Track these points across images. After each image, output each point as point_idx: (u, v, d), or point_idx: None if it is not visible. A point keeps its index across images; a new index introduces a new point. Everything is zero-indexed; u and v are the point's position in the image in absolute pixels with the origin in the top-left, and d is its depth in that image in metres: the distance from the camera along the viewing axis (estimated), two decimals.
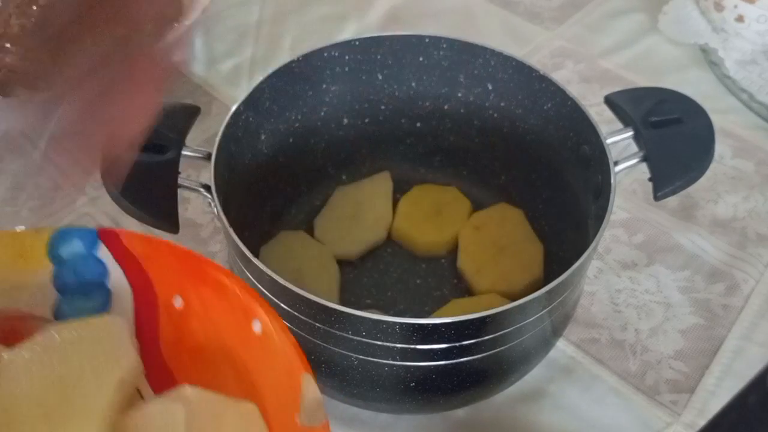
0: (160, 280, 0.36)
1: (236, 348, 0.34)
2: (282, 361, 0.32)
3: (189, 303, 0.35)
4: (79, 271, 0.36)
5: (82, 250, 0.36)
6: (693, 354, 0.50)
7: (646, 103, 0.46)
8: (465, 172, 0.57)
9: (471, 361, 0.39)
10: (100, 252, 0.36)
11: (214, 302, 0.35)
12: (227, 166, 0.44)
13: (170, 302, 0.36)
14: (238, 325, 0.34)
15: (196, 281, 0.35)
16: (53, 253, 0.36)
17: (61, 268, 0.36)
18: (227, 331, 0.34)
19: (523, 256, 0.51)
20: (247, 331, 0.33)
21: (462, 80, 0.52)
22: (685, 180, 0.44)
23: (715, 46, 0.70)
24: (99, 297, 0.36)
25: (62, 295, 0.36)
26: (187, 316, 0.36)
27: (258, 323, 0.33)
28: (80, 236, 0.36)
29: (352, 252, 0.52)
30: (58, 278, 0.36)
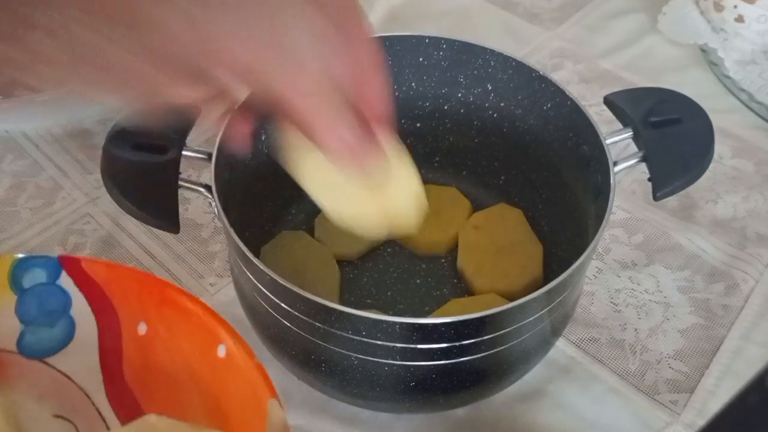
0: (123, 306, 0.35)
1: (202, 372, 0.34)
2: (248, 385, 0.32)
3: (153, 328, 0.35)
4: (42, 301, 0.36)
5: (44, 279, 0.36)
6: (692, 354, 0.50)
7: (646, 104, 0.46)
8: (465, 172, 0.57)
9: (471, 360, 0.39)
10: (63, 280, 0.36)
11: (178, 326, 0.34)
12: (228, 166, 0.44)
13: (134, 328, 0.36)
14: (203, 350, 0.34)
15: (160, 305, 0.35)
16: (15, 283, 0.35)
17: (24, 298, 0.36)
18: (192, 355, 0.34)
19: (522, 256, 0.51)
20: (212, 355, 0.33)
21: (462, 80, 0.52)
22: (685, 180, 0.44)
23: (715, 46, 0.70)
24: (63, 326, 0.36)
25: (26, 326, 0.36)
26: (151, 341, 0.35)
27: (223, 347, 0.33)
28: (42, 265, 0.36)
29: (352, 252, 0.53)
30: (21, 308, 0.36)
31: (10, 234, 0.56)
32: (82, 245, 0.55)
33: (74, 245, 0.55)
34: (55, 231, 0.56)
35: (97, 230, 0.56)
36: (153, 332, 0.35)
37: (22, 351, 0.36)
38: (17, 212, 0.58)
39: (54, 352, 0.36)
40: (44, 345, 0.36)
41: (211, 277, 0.53)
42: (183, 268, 0.54)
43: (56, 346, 0.36)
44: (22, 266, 0.36)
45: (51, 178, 0.60)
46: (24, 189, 0.60)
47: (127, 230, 0.56)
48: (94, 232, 0.56)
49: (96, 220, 0.57)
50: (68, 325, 0.36)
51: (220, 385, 0.33)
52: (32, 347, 0.36)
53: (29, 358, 0.36)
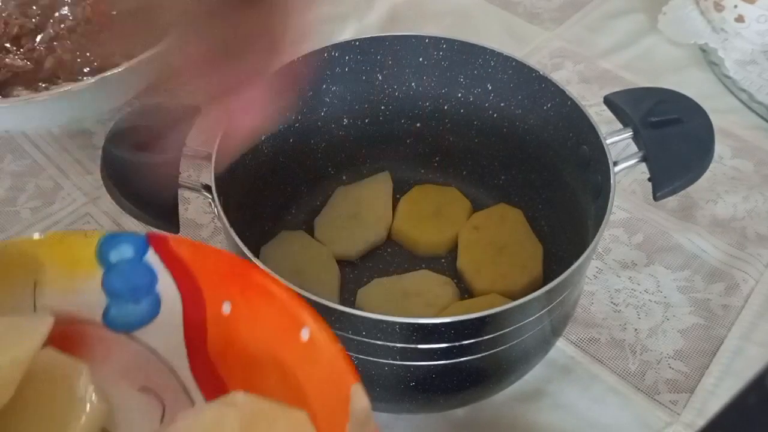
0: (208, 285, 0.35)
1: (284, 355, 0.34)
2: (331, 370, 0.32)
3: (237, 308, 0.35)
4: (129, 276, 0.36)
5: (132, 255, 0.36)
6: (692, 354, 0.50)
7: (646, 104, 0.46)
8: (464, 172, 0.57)
9: (471, 360, 0.39)
10: (150, 257, 0.35)
11: (261, 309, 0.34)
12: (228, 166, 0.44)
13: (219, 308, 0.35)
14: (286, 333, 0.33)
15: (244, 288, 0.35)
16: (102, 258, 0.35)
17: (110, 273, 0.36)
18: (275, 338, 0.34)
19: (522, 257, 0.51)
20: (296, 339, 0.33)
21: (462, 80, 0.52)
22: (685, 180, 0.44)
23: (715, 46, 0.70)
24: (148, 302, 0.36)
25: (111, 300, 0.36)
26: (235, 322, 0.35)
27: (306, 331, 0.33)
28: (129, 241, 0.36)
29: (352, 252, 0.53)
30: (108, 283, 0.36)
31: (10, 234, 0.56)
32: None
33: None
34: (55, 231, 0.56)
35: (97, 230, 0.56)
36: (237, 312, 0.35)
37: (107, 324, 0.36)
38: (17, 212, 0.58)
39: (139, 327, 0.36)
40: (130, 319, 0.36)
41: None
42: None
43: (141, 320, 0.36)
44: (110, 242, 0.36)
45: (51, 178, 0.60)
46: (24, 189, 0.60)
47: (127, 230, 0.56)
48: None
49: (96, 220, 0.57)
50: (154, 301, 0.36)
51: (302, 368, 0.33)
52: (118, 321, 0.36)
53: (115, 331, 0.36)
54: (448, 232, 0.53)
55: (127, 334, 0.36)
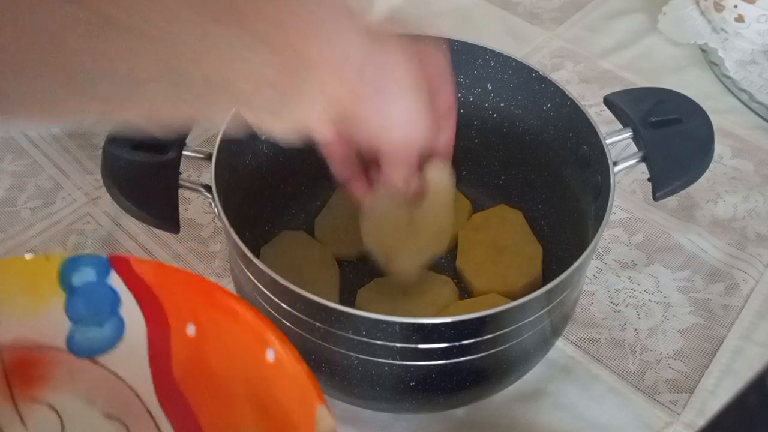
0: (172, 307, 0.35)
1: (250, 375, 0.34)
2: (296, 389, 0.32)
3: (202, 330, 0.35)
4: (92, 300, 0.36)
5: (94, 278, 0.35)
6: (692, 354, 0.50)
7: (646, 104, 0.46)
8: (464, 172, 0.57)
9: (471, 360, 0.39)
10: (112, 280, 0.35)
11: (227, 329, 0.34)
12: (228, 167, 0.44)
13: (183, 330, 0.35)
14: (252, 352, 0.33)
15: (209, 308, 0.35)
16: (65, 282, 0.35)
17: (73, 297, 0.36)
18: (241, 358, 0.34)
19: (521, 257, 0.51)
20: (261, 359, 0.33)
21: (461, 81, 0.52)
22: (685, 180, 0.44)
23: (715, 46, 0.70)
24: (111, 326, 0.36)
25: (75, 324, 0.36)
26: (200, 342, 0.35)
27: (271, 351, 0.33)
28: (91, 264, 0.35)
29: (352, 252, 0.52)
30: (71, 307, 0.36)
31: (10, 234, 0.56)
32: (82, 245, 0.55)
33: (74, 245, 0.55)
34: (55, 231, 0.56)
35: (97, 230, 0.56)
36: (201, 334, 0.35)
37: (71, 349, 0.36)
38: (17, 212, 0.58)
39: (103, 351, 0.36)
40: (93, 344, 0.36)
41: (211, 277, 0.53)
42: (183, 268, 0.54)
43: (105, 345, 0.36)
44: (72, 265, 0.35)
45: (51, 178, 0.60)
46: (24, 189, 0.60)
47: (127, 230, 0.56)
48: (94, 232, 0.56)
49: (96, 220, 0.57)
50: (117, 325, 0.36)
51: (268, 389, 0.33)
52: (82, 346, 0.36)
53: (79, 357, 0.36)
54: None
55: (91, 359, 0.36)
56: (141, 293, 0.35)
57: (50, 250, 0.55)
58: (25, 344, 0.35)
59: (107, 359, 0.36)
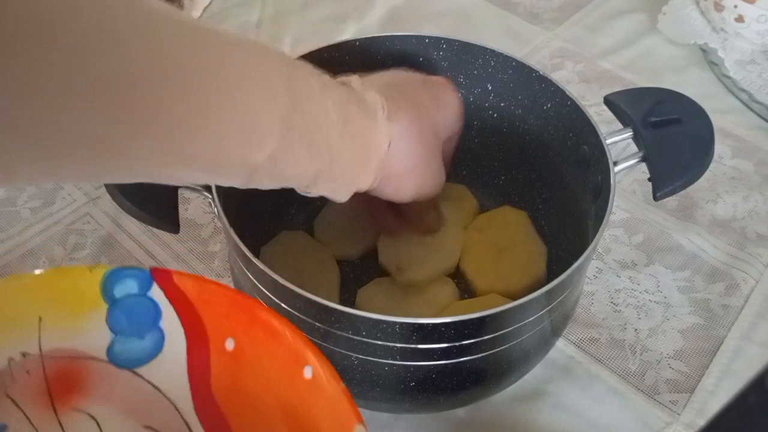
0: (212, 321, 0.35)
1: (286, 393, 0.34)
2: (333, 408, 0.32)
3: (240, 346, 0.35)
4: (133, 312, 0.36)
5: (136, 291, 0.36)
6: (692, 354, 0.50)
7: (646, 104, 0.46)
8: (464, 172, 0.57)
9: (471, 360, 0.39)
10: (154, 292, 0.35)
11: (265, 345, 0.34)
12: None
13: (222, 344, 0.35)
14: (289, 370, 0.33)
15: (248, 324, 0.35)
16: (107, 293, 0.36)
17: (114, 309, 0.36)
18: (278, 375, 0.34)
19: (524, 257, 0.51)
20: (298, 377, 0.33)
21: (462, 80, 0.52)
22: (685, 180, 0.44)
23: (715, 46, 0.70)
24: (152, 338, 0.36)
25: (116, 335, 0.36)
26: (238, 358, 0.35)
27: (309, 369, 0.33)
28: (134, 276, 0.36)
29: (352, 252, 0.52)
30: (112, 318, 0.36)
31: (10, 234, 0.56)
32: (82, 245, 0.55)
33: (74, 245, 0.55)
34: (55, 231, 0.56)
35: (97, 230, 0.56)
36: (240, 349, 0.35)
37: (112, 360, 0.36)
38: (17, 212, 0.58)
39: (143, 363, 0.36)
40: (133, 355, 0.36)
41: (211, 277, 0.53)
42: (183, 268, 0.54)
43: (145, 357, 0.36)
44: (115, 277, 0.36)
45: None
46: (24, 189, 0.60)
47: (127, 230, 0.56)
48: (94, 232, 0.56)
49: (96, 220, 0.57)
50: (158, 337, 0.36)
51: (304, 407, 0.33)
52: (122, 357, 0.36)
53: (119, 368, 0.36)
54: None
55: (131, 370, 0.36)
56: (181, 307, 0.36)
57: (50, 251, 0.55)
58: (66, 354, 0.36)
59: (147, 371, 0.36)
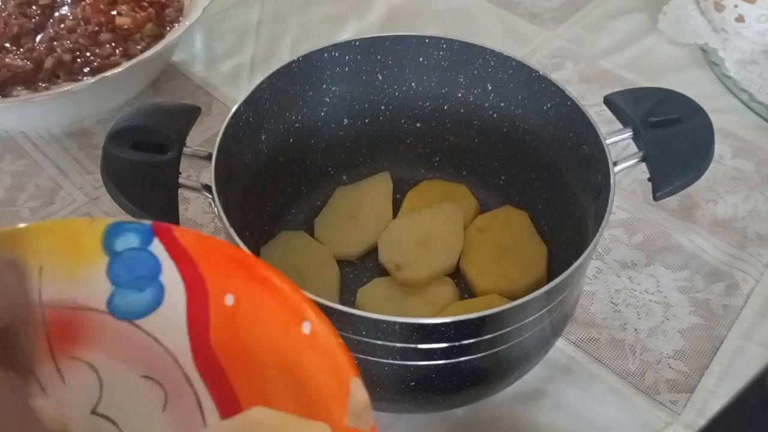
0: (212, 277, 0.36)
1: (285, 347, 0.34)
2: (331, 362, 0.32)
3: (240, 301, 0.35)
4: (133, 265, 0.36)
5: (137, 244, 0.36)
6: (692, 354, 0.50)
7: (646, 104, 0.46)
8: (464, 172, 0.57)
9: (471, 360, 0.39)
10: (155, 246, 0.36)
11: (264, 301, 0.34)
12: (227, 166, 0.44)
13: (222, 299, 0.35)
14: (288, 325, 0.34)
15: (247, 280, 0.35)
16: (108, 246, 0.36)
17: (115, 261, 0.36)
18: (277, 330, 0.34)
19: (525, 257, 0.51)
20: (297, 332, 0.33)
21: (461, 80, 0.52)
22: (685, 180, 0.44)
23: (715, 46, 0.70)
24: (152, 291, 0.36)
25: (116, 288, 0.36)
26: (237, 313, 0.35)
27: (307, 324, 0.33)
28: (135, 230, 0.36)
29: (352, 252, 0.53)
30: (113, 271, 0.36)
31: None
32: None
33: None
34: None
35: None
36: (239, 304, 0.35)
37: (112, 311, 0.36)
38: (17, 212, 0.58)
39: (143, 316, 0.36)
40: (134, 308, 0.36)
41: None
42: None
43: (145, 309, 0.36)
44: (116, 230, 0.36)
45: (51, 178, 0.60)
46: (24, 189, 0.60)
47: None
48: None
49: None
50: (158, 291, 0.36)
51: (301, 361, 0.33)
52: (122, 309, 0.36)
53: (119, 319, 0.36)
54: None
55: (131, 322, 0.36)
56: (182, 261, 0.36)
57: None
58: (66, 304, 0.36)
59: (147, 323, 0.36)
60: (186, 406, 0.36)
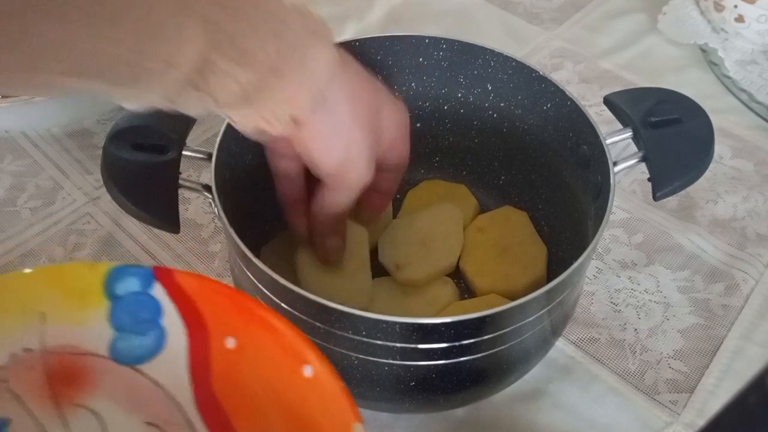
0: (213, 319, 0.36)
1: (287, 391, 0.34)
2: (332, 407, 0.32)
3: (241, 344, 0.35)
4: (135, 309, 0.36)
5: (138, 288, 0.36)
6: (692, 354, 0.50)
7: (646, 104, 0.46)
8: (464, 172, 0.57)
9: (471, 360, 0.39)
10: (155, 290, 0.36)
11: (265, 344, 0.34)
12: (228, 166, 0.44)
13: (223, 342, 0.36)
14: (289, 369, 0.34)
15: (248, 323, 0.35)
16: (109, 291, 0.36)
17: (116, 306, 0.36)
18: (278, 373, 0.34)
19: (525, 257, 0.51)
20: (298, 375, 0.33)
21: (462, 81, 0.52)
22: (685, 180, 0.44)
23: (715, 46, 0.70)
24: (154, 335, 0.36)
25: (118, 333, 0.36)
26: (239, 356, 0.35)
27: (309, 368, 0.33)
28: (136, 274, 0.36)
29: None
30: (114, 316, 0.36)
31: (10, 234, 0.56)
32: (82, 245, 0.55)
33: (74, 245, 0.55)
34: (55, 231, 0.56)
35: (97, 230, 0.56)
36: (241, 347, 0.35)
37: (114, 356, 0.36)
38: (17, 212, 0.58)
39: (144, 360, 0.37)
40: (136, 352, 0.36)
41: (211, 276, 0.53)
42: (183, 267, 0.54)
43: (147, 353, 0.37)
44: (117, 274, 0.36)
45: (51, 178, 0.60)
46: (24, 189, 0.60)
47: (127, 230, 0.56)
48: (94, 232, 0.56)
49: (96, 220, 0.57)
50: (159, 335, 0.36)
51: (303, 405, 0.33)
52: (124, 354, 0.36)
53: (121, 364, 0.36)
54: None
55: (133, 367, 0.37)
56: (183, 305, 0.36)
57: (50, 251, 0.55)
58: (68, 350, 0.36)
59: (149, 368, 0.37)
60: None
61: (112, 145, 0.42)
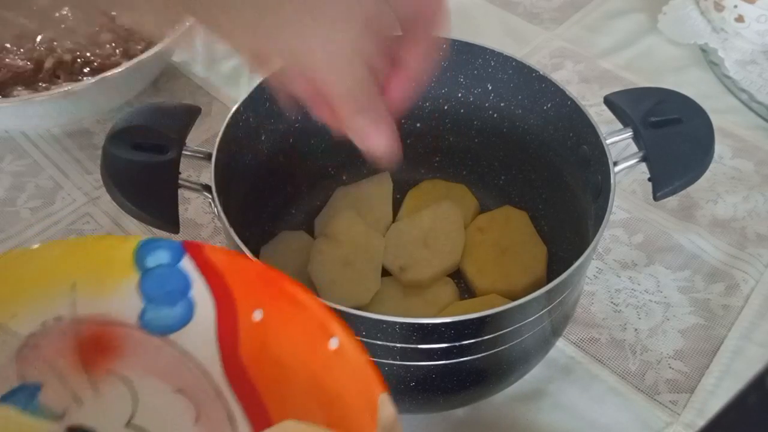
0: (241, 293, 0.36)
1: (313, 363, 0.35)
2: (358, 378, 0.32)
3: (268, 317, 0.36)
4: (164, 281, 0.37)
5: (168, 261, 0.37)
6: (692, 354, 0.50)
7: (646, 104, 0.46)
8: (464, 172, 0.57)
9: (471, 360, 0.39)
10: (185, 263, 0.36)
11: (291, 317, 0.35)
12: (227, 167, 0.44)
13: (250, 315, 0.36)
14: (315, 341, 0.34)
15: (275, 297, 0.35)
16: (139, 263, 0.36)
17: (146, 277, 0.37)
18: (304, 346, 0.35)
19: (525, 257, 0.51)
20: (324, 348, 0.34)
21: (462, 80, 0.52)
22: (685, 180, 0.44)
23: (715, 46, 0.70)
24: (182, 307, 0.37)
25: (147, 303, 0.37)
26: (266, 329, 0.36)
27: (335, 340, 0.33)
28: (166, 247, 0.37)
29: None
30: (144, 286, 0.37)
31: (10, 234, 0.56)
32: None
33: None
34: (55, 231, 0.56)
35: (97, 230, 0.56)
36: (268, 320, 0.36)
37: (144, 326, 0.37)
38: (17, 212, 0.58)
39: (174, 330, 0.37)
40: (165, 322, 0.37)
41: None
42: None
43: (176, 324, 0.37)
44: (147, 247, 0.37)
45: (51, 178, 0.60)
46: (24, 189, 0.60)
47: (127, 230, 0.56)
48: (93, 232, 0.56)
49: (96, 220, 0.57)
50: (188, 306, 0.37)
51: (329, 376, 0.34)
52: (153, 324, 0.37)
53: (151, 334, 0.37)
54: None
55: (163, 337, 0.37)
56: (212, 278, 0.37)
57: None
58: (99, 319, 0.37)
59: (178, 338, 0.37)
60: (217, 419, 0.36)
61: (111, 145, 0.42)
